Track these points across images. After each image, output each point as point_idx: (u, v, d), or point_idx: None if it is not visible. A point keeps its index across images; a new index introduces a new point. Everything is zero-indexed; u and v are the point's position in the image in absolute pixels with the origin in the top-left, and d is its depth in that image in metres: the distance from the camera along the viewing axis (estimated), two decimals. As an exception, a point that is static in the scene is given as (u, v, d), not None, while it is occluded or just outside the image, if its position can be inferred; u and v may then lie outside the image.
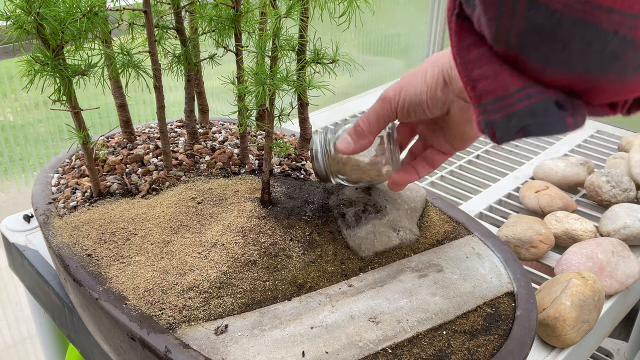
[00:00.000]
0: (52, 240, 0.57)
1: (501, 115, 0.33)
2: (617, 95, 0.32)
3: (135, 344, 0.47)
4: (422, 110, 0.50)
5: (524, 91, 0.32)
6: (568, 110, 0.32)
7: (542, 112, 0.32)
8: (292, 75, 0.54)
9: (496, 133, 0.33)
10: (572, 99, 0.32)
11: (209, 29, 0.63)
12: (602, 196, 0.84)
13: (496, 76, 0.32)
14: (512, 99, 0.32)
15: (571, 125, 0.32)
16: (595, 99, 0.32)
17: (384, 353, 0.46)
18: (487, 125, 0.33)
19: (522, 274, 0.56)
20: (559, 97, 0.32)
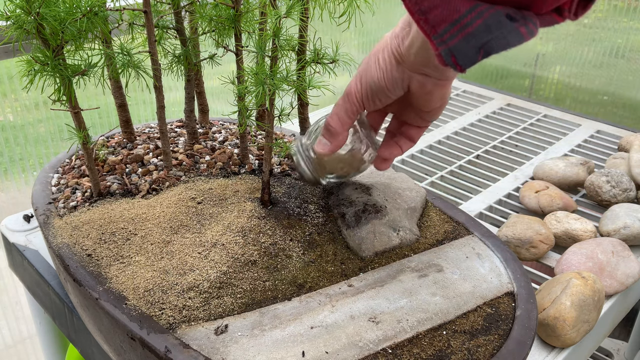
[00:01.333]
0: (52, 240, 0.57)
1: (458, 39, 0.34)
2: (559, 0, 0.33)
3: (135, 344, 0.47)
4: (384, 94, 0.51)
5: (475, 11, 0.33)
6: (519, 21, 0.33)
7: (496, 26, 0.33)
8: (292, 75, 0.54)
9: (458, 59, 0.34)
10: (521, 11, 0.33)
11: (209, 29, 0.64)
12: (602, 196, 0.84)
13: (445, 2, 0.33)
14: (465, 19, 0.33)
15: (526, 35, 0.33)
16: (542, 7, 0.34)
17: (384, 353, 0.46)
18: (447, 54, 0.34)
19: (522, 274, 0.56)
20: (508, 10, 0.33)
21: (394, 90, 0.50)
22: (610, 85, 1.26)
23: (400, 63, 0.48)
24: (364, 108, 0.53)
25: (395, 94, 0.51)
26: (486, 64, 1.48)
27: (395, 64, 0.49)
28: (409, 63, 0.48)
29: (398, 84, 0.50)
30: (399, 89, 0.50)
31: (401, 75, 0.49)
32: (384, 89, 0.50)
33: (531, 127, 1.13)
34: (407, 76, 0.49)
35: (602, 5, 1.23)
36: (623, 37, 1.21)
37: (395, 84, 0.50)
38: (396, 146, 0.57)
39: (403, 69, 0.48)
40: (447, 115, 1.18)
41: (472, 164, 1.00)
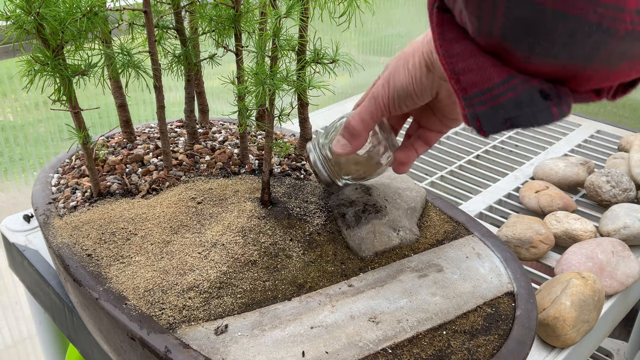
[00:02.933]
0: (52, 240, 0.57)
1: (487, 108, 0.33)
2: (602, 83, 0.31)
3: (135, 344, 0.47)
4: (412, 100, 0.50)
5: (509, 83, 0.32)
6: (553, 99, 0.32)
7: (527, 102, 0.32)
8: (292, 75, 0.54)
9: (483, 125, 0.33)
10: (557, 87, 0.32)
11: (209, 29, 0.64)
12: (602, 196, 0.84)
13: (480, 68, 0.32)
14: (496, 90, 0.32)
15: (557, 115, 0.32)
16: (581, 86, 0.32)
17: (384, 353, 0.46)
18: (473, 117, 0.33)
19: (522, 274, 0.56)
20: (543, 85, 0.32)
21: (422, 96, 0.49)
22: (610, 85, 1.26)
23: (431, 70, 0.47)
24: (389, 112, 0.52)
25: (422, 101, 0.50)
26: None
27: (426, 70, 0.47)
28: (440, 72, 0.46)
29: (427, 91, 0.48)
30: (427, 95, 0.49)
31: (431, 83, 0.48)
32: (412, 95, 0.49)
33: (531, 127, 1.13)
34: (437, 84, 0.48)
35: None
36: (623, 37, 1.21)
37: (424, 90, 0.48)
38: (412, 149, 0.56)
39: (433, 76, 0.47)
40: (447, 115, 1.18)
41: (472, 164, 1.00)
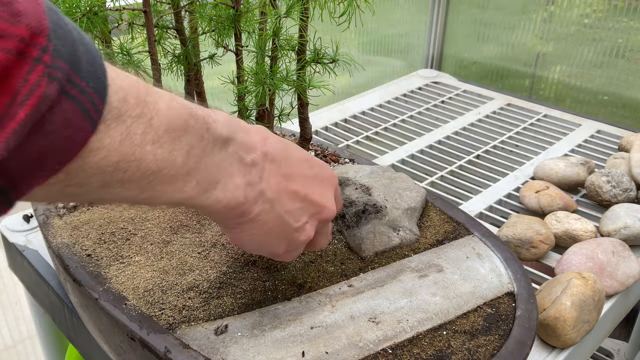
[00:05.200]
0: (52, 240, 0.57)
1: None
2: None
3: (135, 344, 0.47)
4: None
5: None
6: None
7: None
8: (292, 75, 0.54)
9: None
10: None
11: (209, 29, 0.63)
12: (602, 196, 0.84)
13: None
14: None
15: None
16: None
17: (384, 353, 0.46)
18: None
19: (522, 274, 0.56)
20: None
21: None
22: (610, 85, 1.26)
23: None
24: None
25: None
26: (486, 64, 1.48)
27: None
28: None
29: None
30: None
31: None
32: None
33: (531, 127, 1.13)
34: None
35: (602, 5, 1.23)
36: (623, 37, 1.21)
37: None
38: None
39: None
40: (447, 115, 1.18)
41: (472, 164, 1.00)
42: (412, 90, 1.30)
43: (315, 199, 0.44)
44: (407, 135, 1.10)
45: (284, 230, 0.43)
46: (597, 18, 1.25)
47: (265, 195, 0.40)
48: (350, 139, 1.07)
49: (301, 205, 0.43)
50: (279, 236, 0.43)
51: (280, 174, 0.42)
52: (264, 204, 0.41)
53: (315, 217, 0.45)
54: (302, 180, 0.43)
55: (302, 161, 0.44)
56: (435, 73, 1.39)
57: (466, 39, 1.50)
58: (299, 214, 0.43)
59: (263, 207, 0.41)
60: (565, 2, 1.29)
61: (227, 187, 0.38)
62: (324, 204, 0.45)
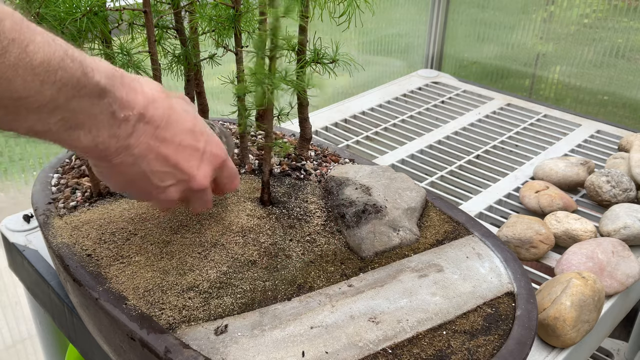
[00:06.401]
0: (52, 240, 0.57)
1: None
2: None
3: (135, 344, 0.47)
4: None
5: None
6: None
7: None
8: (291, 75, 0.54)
9: None
10: None
11: (209, 29, 0.63)
12: (602, 196, 0.84)
13: None
14: None
15: None
16: None
17: (384, 353, 0.46)
18: None
19: (522, 274, 0.56)
20: None
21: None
22: (610, 85, 1.26)
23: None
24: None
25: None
26: (486, 64, 1.48)
27: None
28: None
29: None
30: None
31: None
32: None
33: (531, 127, 1.13)
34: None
35: (602, 5, 1.23)
36: (623, 37, 1.21)
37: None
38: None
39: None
40: (447, 115, 1.19)
41: (472, 164, 1.00)
42: (412, 90, 1.30)
43: (185, 168, 0.46)
44: (407, 135, 1.10)
45: (145, 185, 0.46)
46: (597, 18, 1.25)
47: (131, 150, 0.43)
48: (350, 139, 1.07)
49: (169, 170, 0.46)
50: (141, 187, 0.47)
51: (155, 137, 0.44)
52: (128, 157, 0.43)
53: (182, 183, 0.47)
54: (176, 148, 0.46)
55: (185, 131, 0.46)
56: (435, 73, 1.39)
57: (466, 39, 1.50)
58: (164, 177, 0.46)
59: (125, 159, 0.43)
60: (565, 2, 1.29)
61: (90, 132, 0.40)
62: (192, 174, 0.47)
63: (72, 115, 0.38)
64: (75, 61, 0.37)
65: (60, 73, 0.36)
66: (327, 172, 0.69)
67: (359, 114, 1.18)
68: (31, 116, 0.36)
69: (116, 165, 0.44)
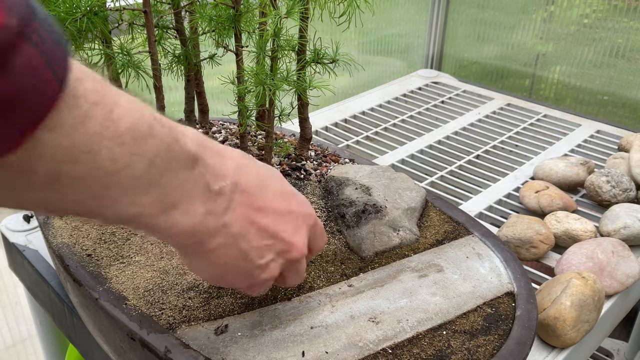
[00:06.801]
0: (52, 240, 0.57)
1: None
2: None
3: (135, 344, 0.47)
4: None
5: None
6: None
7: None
8: (292, 75, 0.54)
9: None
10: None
11: (209, 29, 0.63)
12: (602, 196, 0.84)
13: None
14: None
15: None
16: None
17: (384, 353, 0.46)
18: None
19: (522, 274, 0.56)
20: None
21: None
22: (610, 85, 1.26)
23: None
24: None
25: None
26: (486, 64, 1.48)
27: None
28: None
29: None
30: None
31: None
32: None
33: (531, 127, 1.13)
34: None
35: (602, 5, 1.23)
36: (623, 37, 1.21)
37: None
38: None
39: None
40: (447, 115, 1.19)
41: (472, 164, 1.00)
42: (412, 90, 1.30)
43: (285, 237, 0.41)
44: (407, 135, 1.10)
45: (245, 267, 0.40)
46: (597, 18, 1.25)
47: (229, 228, 0.37)
48: (350, 139, 1.07)
49: (269, 242, 0.40)
50: (239, 272, 0.40)
51: (251, 207, 0.38)
52: (226, 237, 0.37)
53: (282, 255, 0.41)
54: (274, 216, 0.40)
55: (277, 194, 0.41)
56: (435, 73, 1.39)
57: (466, 39, 1.50)
58: (264, 251, 0.40)
59: (224, 241, 0.37)
60: (565, 2, 1.29)
61: (187, 212, 0.34)
62: (293, 242, 0.41)
63: (166, 193, 0.32)
64: (165, 126, 0.32)
65: (151, 141, 0.30)
66: (327, 172, 0.69)
67: (359, 114, 1.18)
68: (122, 199, 0.30)
69: (212, 251, 0.37)
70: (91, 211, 0.30)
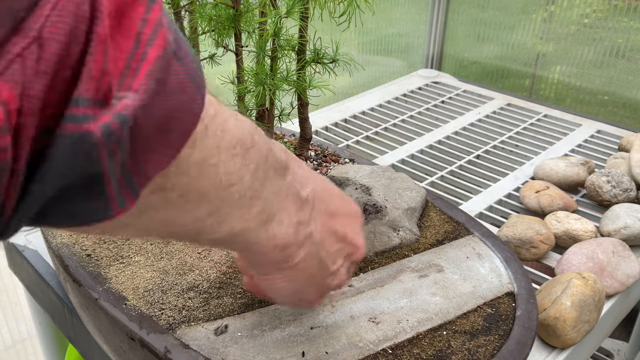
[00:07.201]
0: (52, 240, 0.57)
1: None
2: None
3: (135, 344, 0.47)
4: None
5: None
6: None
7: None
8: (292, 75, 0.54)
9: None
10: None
11: (209, 29, 0.63)
12: (602, 196, 0.84)
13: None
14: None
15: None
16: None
17: (384, 353, 0.46)
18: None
19: (522, 274, 0.56)
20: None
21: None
22: (610, 85, 1.26)
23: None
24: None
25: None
26: (486, 64, 1.48)
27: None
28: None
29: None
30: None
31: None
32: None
33: (531, 127, 1.13)
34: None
35: (602, 5, 1.23)
36: (623, 37, 1.21)
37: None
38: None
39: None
40: (447, 115, 1.18)
41: (472, 164, 1.00)
42: (412, 90, 1.30)
43: (353, 239, 0.40)
44: (407, 135, 1.10)
45: (321, 275, 0.38)
46: (597, 18, 1.25)
47: (313, 237, 0.36)
48: (350, 139, 1.07)
49: (340, 246, 0.39)
50: (316, 281, 0.38)
51: (327, 213, 0.38)
52: (311, 246, 0.36)
53: (349, 258, 0.41)
54: (343, 219, 0.40)
55: (340, 197, 0.40)
56: (435, 73, 1.39)
57: (466, 39, 1.50)
58: (337, 256, 0.39)
59: (309, 251, 0.36)
60: (565, 2, 1.29)
61: (283, 222, 0.33)
62: (359, 244, 0.41)
63: (266, 204, 0.31)
64: (261, 135, 0.31)
65: (253, 152, 0.30)
66: (327, 172, 0.69)
67: (359, 114, 1.18)
68: (234, 212, 0.29)
69: (298, 263, 0.35)
70: (203, 229, 0.29)
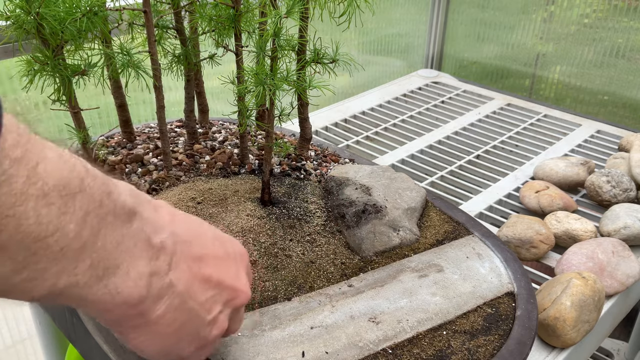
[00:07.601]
0: (52, 240, 0.57)
1: None
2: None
3: (135, 344, 0.47)
4: None
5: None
6: None
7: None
8: (292, 75, 0.54)
9: None
10: None
11: (209, 29, 0.63)
12: (602, 196, 0.84)
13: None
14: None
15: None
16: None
17: (384, 353, 0.46)
18: None
19: (522, 274, 0.56)
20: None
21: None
22: (610, 85, 1.26)
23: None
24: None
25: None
26: (486, 64, 1.48)
27: None
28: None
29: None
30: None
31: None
32: None
33: (531, 127, 1.13)
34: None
35: (602, 5, 1.23)
36: (623, 37, 1.21)
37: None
38: None
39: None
40: (447, 115, 1.18)
41: (472, 164, 1.00)
42: (412, 90, 1.30)
43: (231, 283, 0.37)
44: (407, 135, 1.10)
45: (194, 328, 0.35)
46: (597, 18, 1.25)
47: (175, 288, 0.33)
48: (350, 139, 1.07)
49: (214, 292, 0.36)
50: (188, 335, 0.35)
51: (191, 258, 0.34)
52: (172, 299, 0.33)
53: (229, 304, 0.37)
54: (215, 263, 0.36)
55: (212, 239, 0.37)
56: (435, 73, 1.39)
57: (466, 39, 1.50)
58: (212, 304, 0.36)
59: (170, 304, 0.32)
60: (565, 2, 1.29)
61: (129, 274, 0.30)
62: (239, 287, 0.38)
63: (103, 256, 0.28)
64: (97, 179, 0.28)
65: (83, 198, 0.27)
66: (327, 172, 0.69)
67: (359, 114, 1.18)
68: (52, 267, 0.26)
69: (158, 319, 0.32)
70: (14, 289, 0.26)
